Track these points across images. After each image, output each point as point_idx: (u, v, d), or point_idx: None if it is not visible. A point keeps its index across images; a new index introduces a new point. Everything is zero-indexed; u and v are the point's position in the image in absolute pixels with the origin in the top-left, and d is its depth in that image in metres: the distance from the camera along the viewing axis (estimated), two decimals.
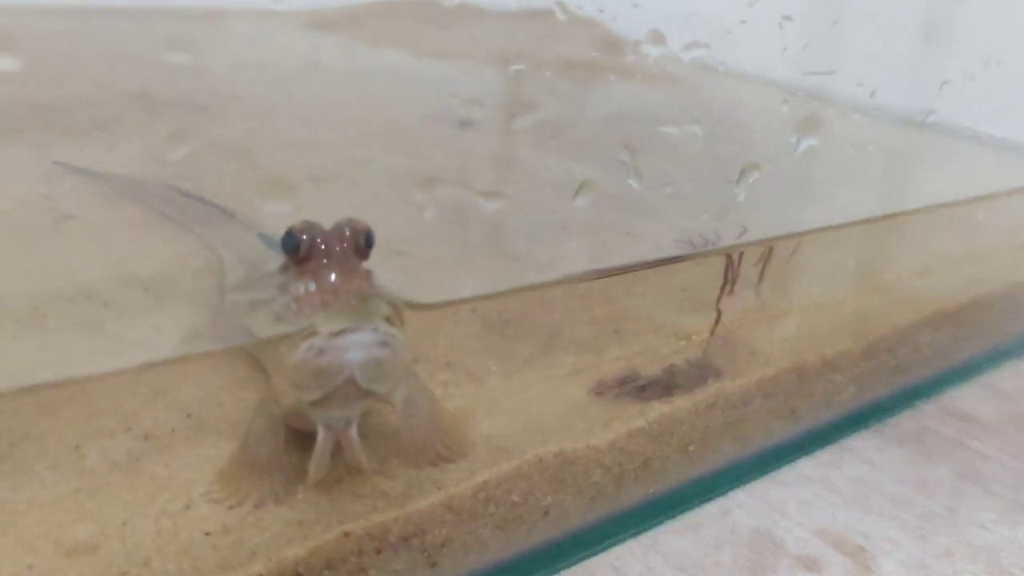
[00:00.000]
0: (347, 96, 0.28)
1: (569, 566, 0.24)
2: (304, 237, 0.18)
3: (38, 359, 0.19)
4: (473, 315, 0.25)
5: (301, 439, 0.21)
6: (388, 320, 0.18)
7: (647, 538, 0.25)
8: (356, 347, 0.18)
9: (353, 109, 0.31)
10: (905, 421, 0.33)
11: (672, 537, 0.26)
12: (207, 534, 0.19)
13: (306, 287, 0.18)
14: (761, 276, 0.26)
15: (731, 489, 0.28)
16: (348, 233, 0.19)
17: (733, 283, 0.25)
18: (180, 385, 0.22)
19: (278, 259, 0.20)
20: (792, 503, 0.28)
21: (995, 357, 0.37)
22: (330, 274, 0.18)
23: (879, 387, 0.31)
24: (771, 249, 0.25)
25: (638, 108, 0.29)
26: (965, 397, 0.35)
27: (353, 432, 0.20)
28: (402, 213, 0.22)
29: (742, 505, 0.27)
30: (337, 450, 0.20)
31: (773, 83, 0.29)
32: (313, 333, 0.18)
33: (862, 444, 0.31)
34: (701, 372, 0.25)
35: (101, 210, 0.26)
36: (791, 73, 0.29)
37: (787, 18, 0.26)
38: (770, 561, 0.25)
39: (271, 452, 0.20)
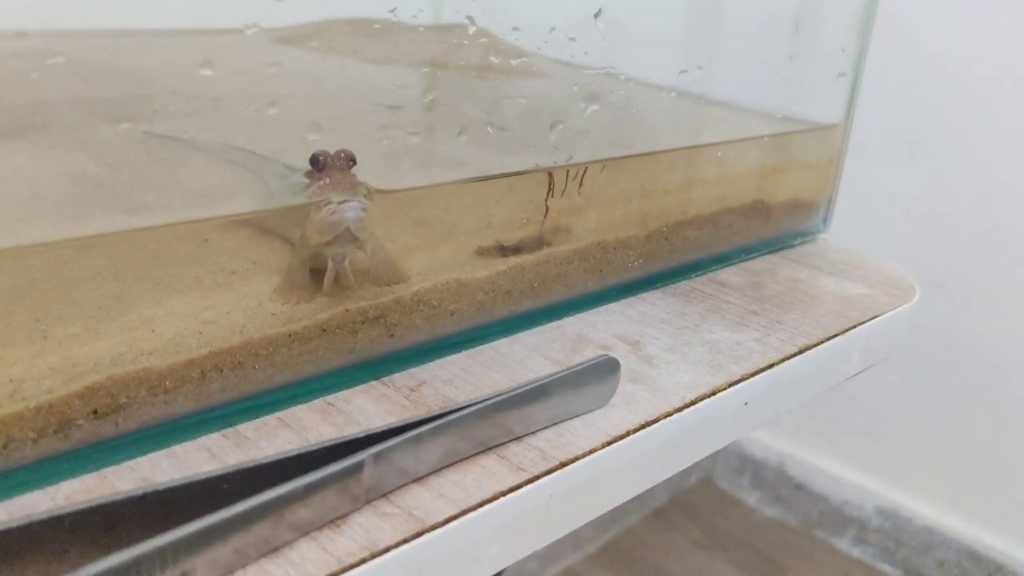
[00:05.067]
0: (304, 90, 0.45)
1: (458, 352, 0.42)
2: (321, 157, 0.37)
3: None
4: None
5: (315, 274, 0.39)
6: (366, 197, 0.37)
7: (513, 338, 0.44)
8: (350, 209, 0.36)
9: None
10: (680, 285, 0.52)
11: (527, 337, 0.44)
12: (273, 314, 0.37)
13: (324, 181, 0.36)
14: (580, 185, 0.45)
15: (563, 316, 0.46)
16: (343, 155, 0.37)
17: (553, 190, 0.44)
18: (244, 249, 0.39)
19: (300, 173, 0.38)
20: (600, 323, 0.47)
21: (748, 250, 0.56)
22: (336, 174, 0.36)
23: (660, 262, 0.51)
24: (586, 169, 0.44)
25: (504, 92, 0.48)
26: (725, 273, 0.55)
27: (346, 263, 0.38)
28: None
29: (569, 323, 0.46)
30: (336, 278, 0.38)
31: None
32: (329, 202, 0.36)
33: (648, 296, 0.50)
34: (538, 242, 0.44)
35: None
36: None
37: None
38: (582, 347, 0.44)
39: (302, 277, 0.38)
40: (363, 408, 0.37)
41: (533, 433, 0.37)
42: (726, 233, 0.54)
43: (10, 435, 0.30)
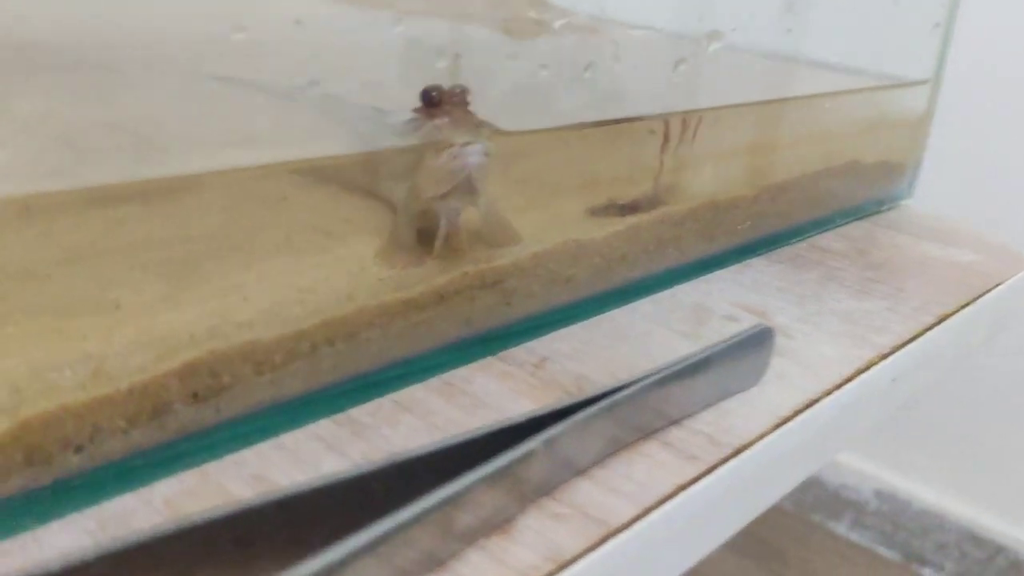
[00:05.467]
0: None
1: (573, 323, 0.37)
2: (435, 92, 0.31)
3: None
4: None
5: (421, 235, 0.33)
6: (489, 140, 0.31)
7: (629, 307, 0.39)
8: (474, 154, 0.30)
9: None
10: (784, 252, 0.47)
11: (643, 306, 0.39)
12: (380, 280, 0.31)
13: (442, 120, 0.30)
14: (693, 136, 0.39)
15: (675, 284, 0.41)
16: (459, 90, 0.31)
17: (668, 141, 0.38)
18: (332, 207, 0.33)
19: (393, 115, 0.32)
20: (714, 291, 0.41)
21: (843, 215, 0.52)
22: (455, 112, 0.30)
23: (766, 225, 0.46)
24: (700, 118, 0.39)
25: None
26: (825, 239, 0.50)
27: (459, 220, 0.32)
28: None
29: (682, 291, 0.41)
30: (446, 239, 0.32)
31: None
32: (451, 144, 0.30)
33: (755, 263, 0.45)
34: (653, 200, 0.39)
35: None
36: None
37: None
38: (705, 317, 0.39)
39: (409, 237, 0.32)
40: (487, 388, 0.32)
41: (690, 416, 0.31)
42: (824, 196, 0.49)
43: (96, 424, 0.24)
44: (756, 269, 0.44)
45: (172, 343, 0.26)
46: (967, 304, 0.43)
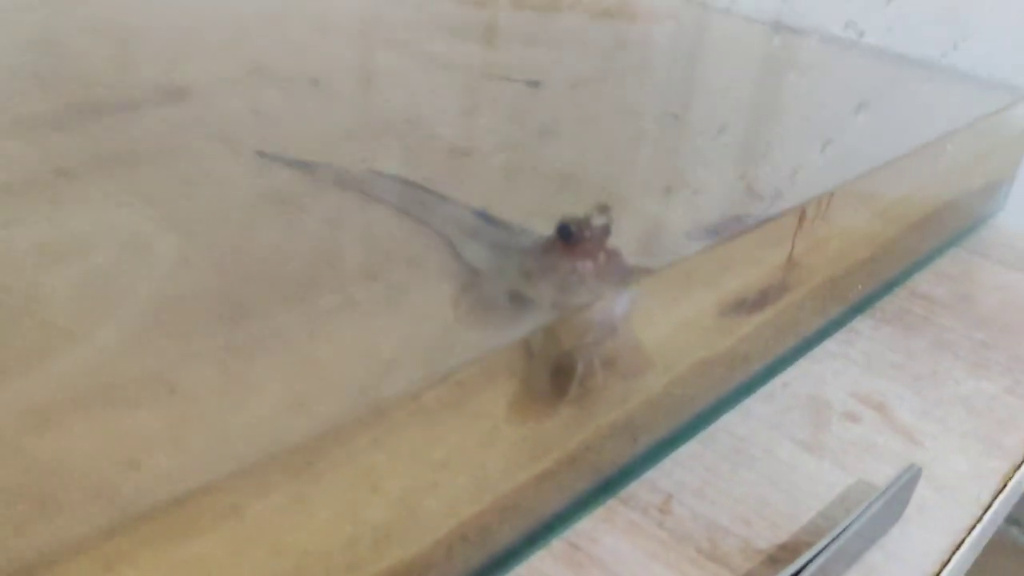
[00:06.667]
0: None
1: (690, 440, 0.33)
2: (574, 228, 0.27)
3: None
4: None
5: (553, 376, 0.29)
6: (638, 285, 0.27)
7: (741, 410, 0.36)
8: (623, 305, 0.27)
9: None
10: (886, 306, 0.44)
11: (755, 406, 0.36)
12: (514, 444, 0.27)
13: (585, 265, 0.26)
14: (824, 217, 0.35)
15: (784, 368, 0.38)
16: (601, 224, 0.27)
17: (802, 223, 0.35)
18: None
19: (507, 235, 0.28)
20: (827, 375, 0.38)
21: (940, 249, 0.48)
22: (601, 256, 0.26)
23: (875, 283, 0.42)
24: (832, 195, 0.35)
25: None
26: (923, 283, 0.46)
27: (596, 361, 0.29)
28: None
29: (792, 378, 0.38)
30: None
31: None
32: (601, 298, 0.26)
33: (860, 327, 0.42)
34: (780, 289, 0.35)
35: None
36: None
37: None
38: (825, 417, 0.36)
39: (543, 384, 0.28)
40: (616, 549, 0.29)
41: None
42: (927, 234, 0.46)
43: None
44: (864, 336, 0.41)
45: (318, 569, 0.23)
46: None
